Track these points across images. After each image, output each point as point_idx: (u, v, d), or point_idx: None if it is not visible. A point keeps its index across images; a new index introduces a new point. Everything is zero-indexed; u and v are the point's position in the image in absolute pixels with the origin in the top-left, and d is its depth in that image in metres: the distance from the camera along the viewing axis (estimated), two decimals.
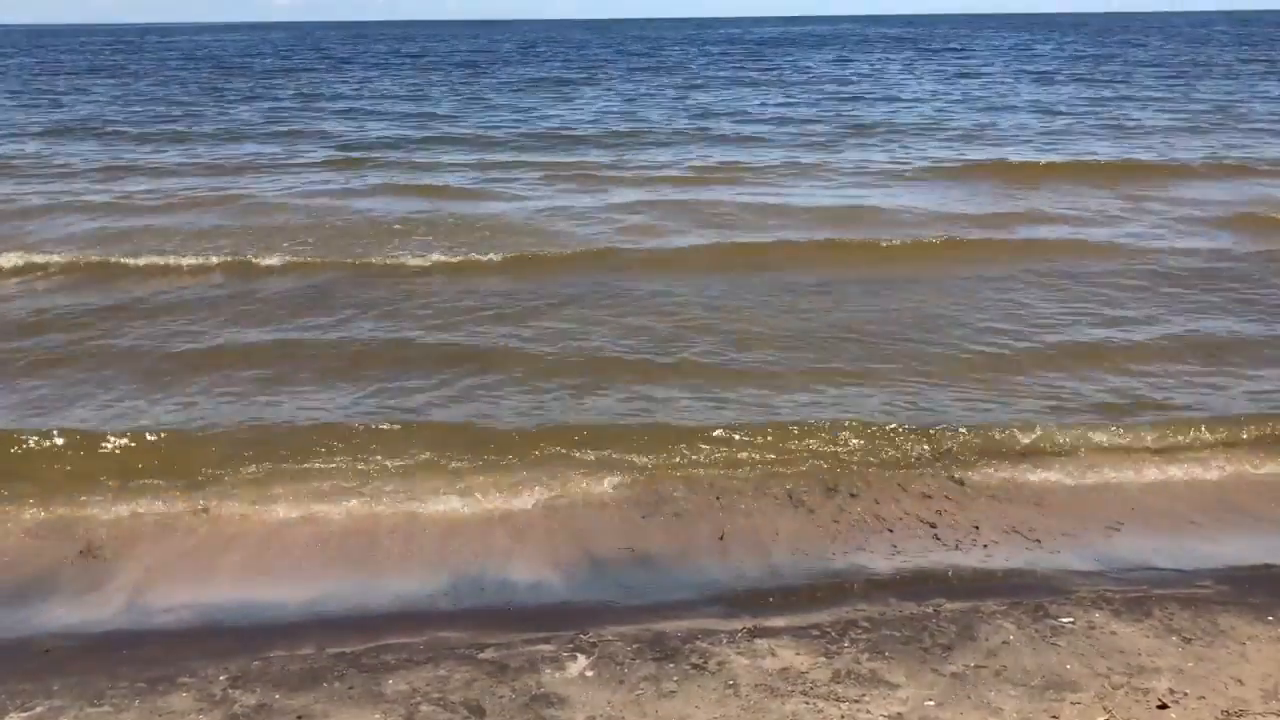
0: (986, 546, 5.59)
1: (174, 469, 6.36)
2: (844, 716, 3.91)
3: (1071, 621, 4.62)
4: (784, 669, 4.25)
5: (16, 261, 11.17)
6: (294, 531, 5.80)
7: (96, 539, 5.68)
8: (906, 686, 4.12)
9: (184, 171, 17.88)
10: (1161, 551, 5.53)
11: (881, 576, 5.27)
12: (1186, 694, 4.02)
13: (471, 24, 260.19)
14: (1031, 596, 4.91)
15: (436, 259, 11.32)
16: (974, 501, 6.10)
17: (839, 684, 4.13)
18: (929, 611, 4.77)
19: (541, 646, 4.48)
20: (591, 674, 4.25)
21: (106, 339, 8.88)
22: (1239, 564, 5.35)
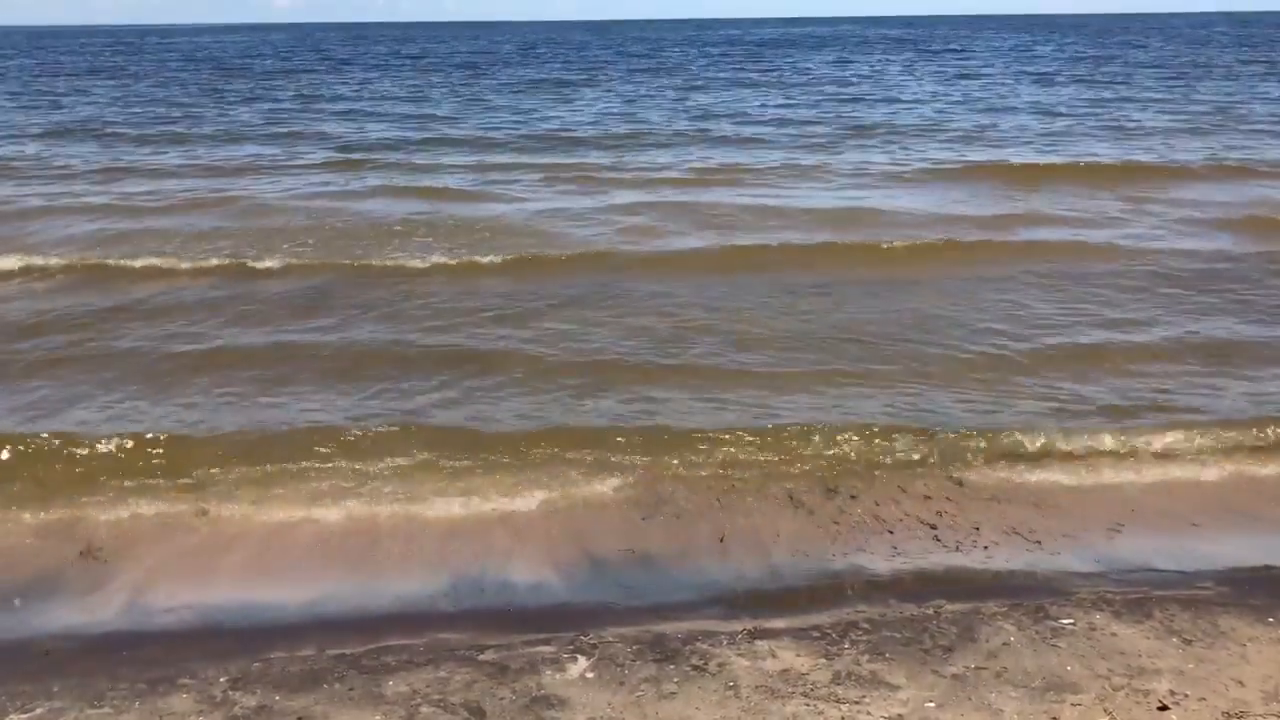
0: (987, 548, 5.59)
1: (174, 470, 6.36)
2: (844, 718, 3.91)
3: (1072, 623, 4.62)
4: (784, 670, 4.25)
5: (16, 263, 11.18)
6: (294, 533, 5.80)
7: (97, 540, 5.68)
8: (907, 688, 4.12)
9: (184, 173, 17.89)
10: (1162, 553, 5.53)
11: (882, 578, 5.27)
12: (1187, 695, 4.02)
13: (471, 25, 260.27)
14: (1032, 598, 4.91)
15: (436, 260, 11.32)
16: (974, 503, 6.10)
17: (839, 685, 4.13)
18: (929, 613, 4.77)
19: (542, 648, 4.49)
20: (592, 675, 4.25)
21: (106, 341, 8.88)
22: (1239, 565, 5.35)
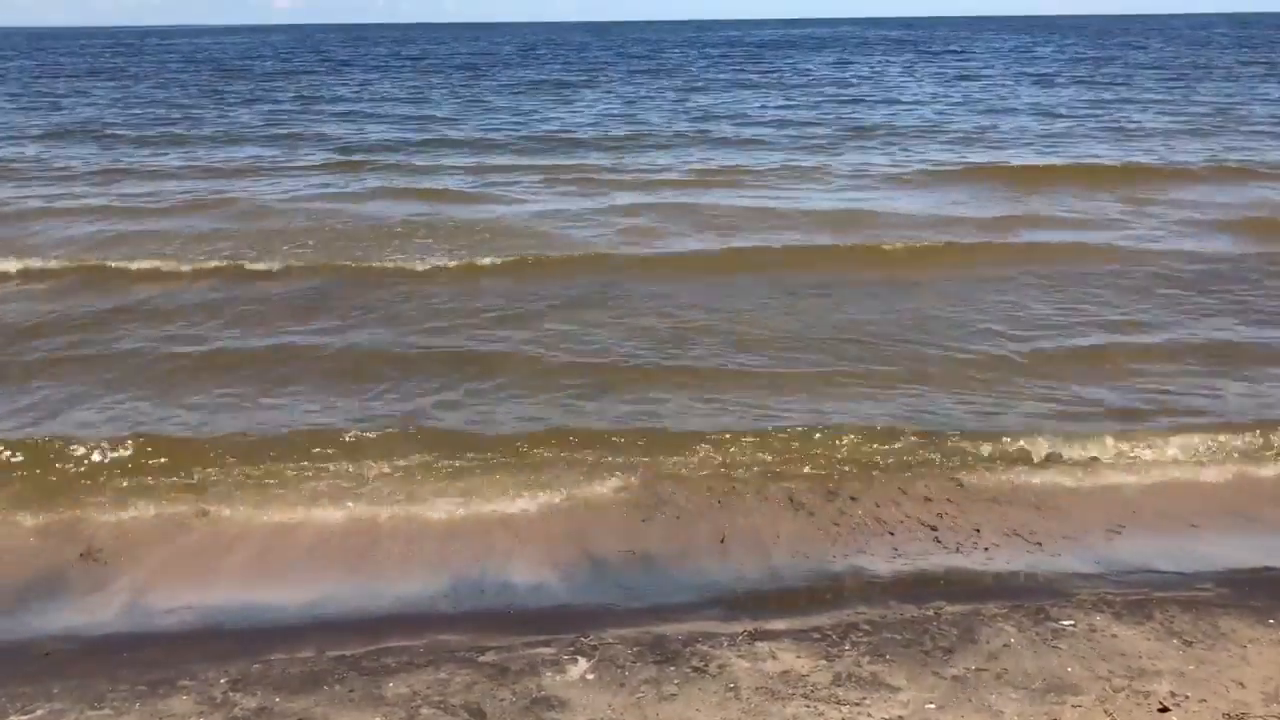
0: (987, 549, 5.59)
1: (174, 472, 6.36)
2: (844, 719, 3.91)
3: (1072, 624, 4.62)
4: (785, 672, 4.25)
5: (16, 265, 11.17)
6: (294, 534, 5.80)
7: (97, 541, 5.68)
8: (907, 689, 4.12)
9: (183, 175, 17.90)
10: (1162, 554, 5.53)
11: (882, 579, 5.27)
12: (1188, 697, 4.02)
13: (471, 26, 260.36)
14: (1032, 599, 4.92)
15: (436, 262, 11.31)
16: (975, 504, 6.10)
17: (840, 687, 4.13)
18: (930, 614, 4.76)
19: (542, 649, 4.48)
20: (592, 677, 4.25)
21: (106, 343, 8.88)
22: (1240, 567, 5.35)
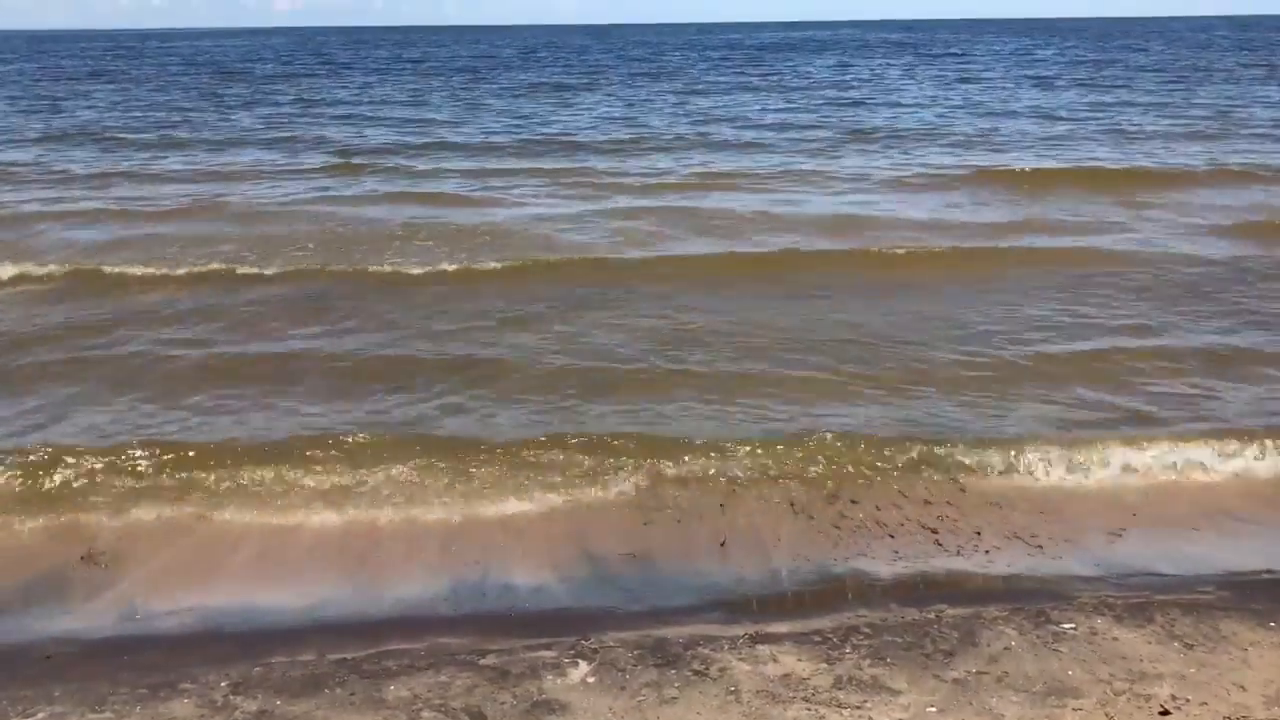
0: (988, 552, 5.59)
1: (175, 476, 6.35)
2: None
3: (1073, 627, 4.62)
4: (786, 675, 4.25)
5: (16, 270, 11.16)
6: (295, 537, 5.80)
7: (97, 545, 5.68)
8: (908, 693, 4.12)
9: (183, 178, 17.89)
10: (1163, 557, 5.54)
11: (883, 582, 5.27)
12: (1188, 700, 4.02)
13: (472, 29, 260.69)
14: (1033, 602, 4.92)
15: (437, 266, 11.31)
16: (976, 507, 6.10)
17: (841, 690, 4.13)
18: (931, 617, 4.77)
19: (543, 652, 4.48)
20: (593, 680, 4.25)
21: (106, 347, 8.88)
22: (1241, 570, 5.35)
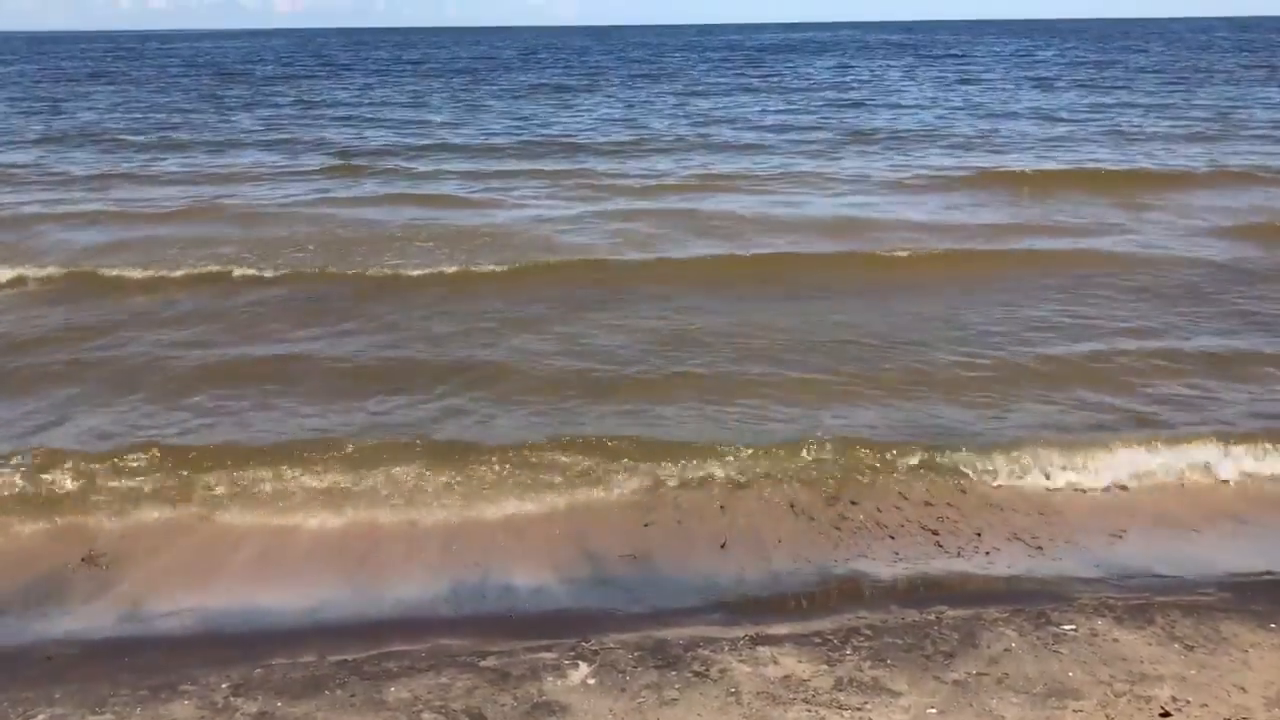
0: (989, 553, 5.59)
1: (175, 478, 6.35)
2: None
3: (1074, 629, 4.62)
4: (786, 677, 4.25)
5: (15, 272, 11.15)
6: (295, 539, 5.81)
7: (98, 547, 5.68)
8: (909, 694, 4.12)
9: (183, 179, 17.88)
10: (1163, 559, 5.54)
11: (883, 583, 5.28)
12: (1189, 702, 4.02)
13: (472, 30, 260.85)
14: (1034, 603, 4.92)
15: (436, 268, 11.31)
16: (976, 508, 6.10)
17: (841, 692, 4.13)
18: (931, 619, 4.77)
19: (543, 654, 4.48)
20: (593, 682, 4.25)
21: (105, 349, 8.88)
22: (1241, 571, 5.35)
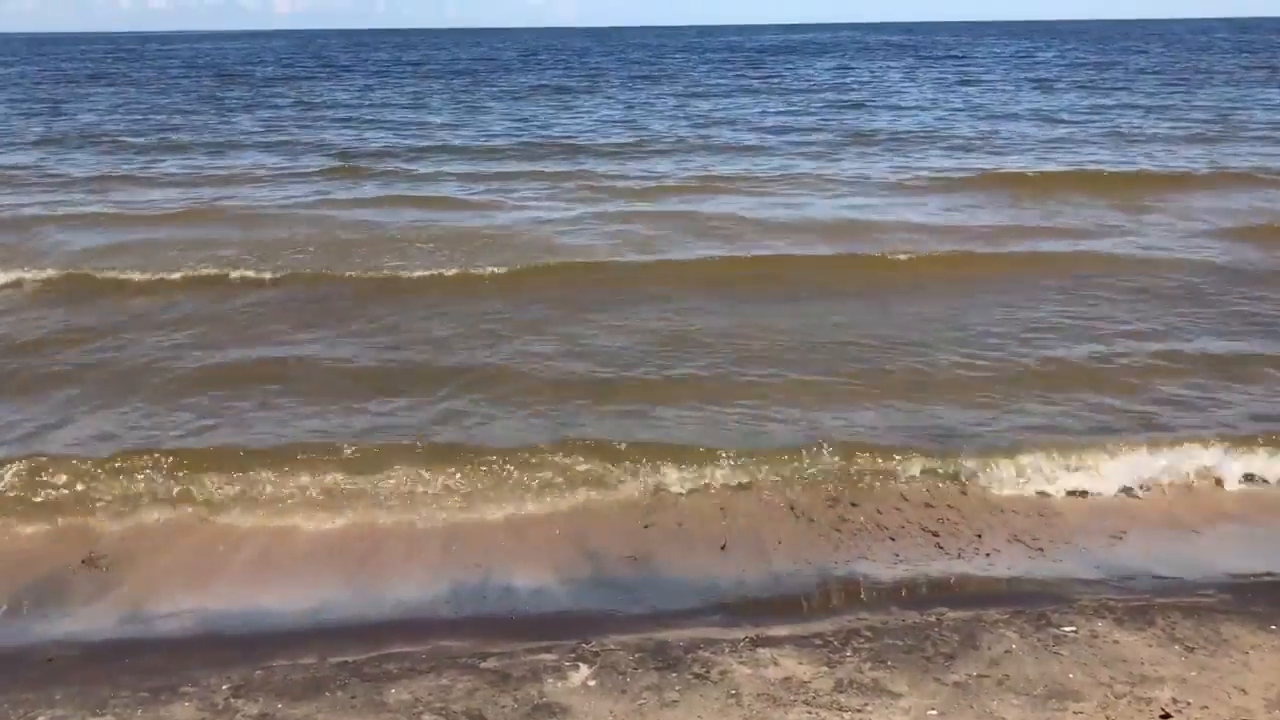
0: (989, 555, 5.59)
1: (175, 479, 6.35)
2: None
3: (1074, 630, 4.62)
4: (786, 678, 4.25)
5: (14, 275, 11.14)
6: (295, 541, 5.81)
7: (98, 549, 5.68)
8: (909, 696, 4.12)
9: (183, 181, 17.85)
10: (1164, 560, 5.54)
11: (884, 585, 5.28)
12: (1189, 703, 4.02)
13: (472, 32, 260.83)
14: (1034, 605, 4.92)
15: (436, 270, 11.30)
16: (976, 510, 6.10)
17: (841, 693, 4.13)
18: (931, 620, 4.77)
19: (544, 656, 4.49)
20: (594, 683, 4.25)
21: (105, 351, 8.88)
22: (1241, 573, 5.35)
